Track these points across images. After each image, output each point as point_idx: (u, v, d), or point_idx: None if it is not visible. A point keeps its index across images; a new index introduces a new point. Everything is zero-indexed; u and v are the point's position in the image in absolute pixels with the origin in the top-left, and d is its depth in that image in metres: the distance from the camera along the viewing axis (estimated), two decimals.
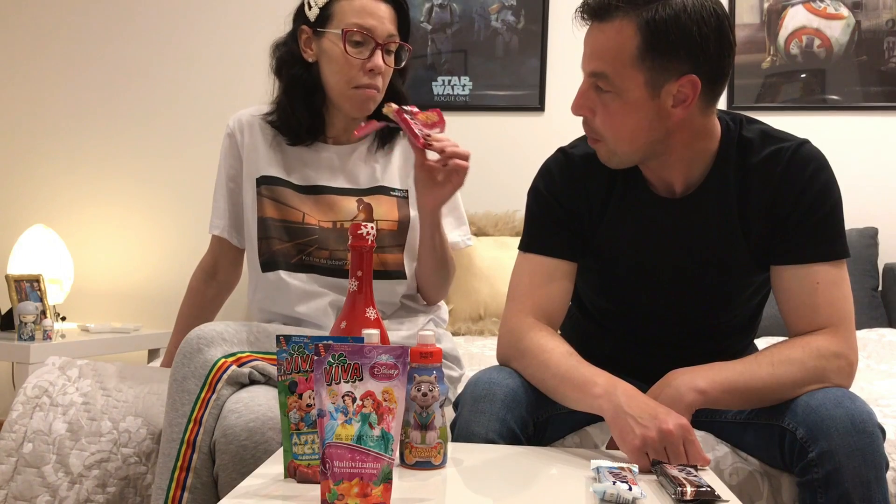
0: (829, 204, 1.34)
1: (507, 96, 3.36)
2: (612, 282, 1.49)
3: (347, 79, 1.61)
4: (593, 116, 1.34)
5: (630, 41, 1.26)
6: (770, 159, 1.36)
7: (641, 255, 1.44)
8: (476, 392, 1.32)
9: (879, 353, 2.29)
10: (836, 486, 1.18)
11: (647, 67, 1.27)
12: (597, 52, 1.30)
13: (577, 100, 1.35)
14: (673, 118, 1.30)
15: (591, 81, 1.32)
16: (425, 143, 1.47)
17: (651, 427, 1.17)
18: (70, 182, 3.56)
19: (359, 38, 1.60)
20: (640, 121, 1.30)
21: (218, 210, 1.76)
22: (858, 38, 3.17)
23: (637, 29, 1.26)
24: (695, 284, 1.44)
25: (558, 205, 1.45)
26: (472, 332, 2.85)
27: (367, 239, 1.15)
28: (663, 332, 1.50)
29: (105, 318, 3.45)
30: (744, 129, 1.39)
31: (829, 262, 1.33)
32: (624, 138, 1.32)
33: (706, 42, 1.26)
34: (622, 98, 1.29)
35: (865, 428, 1.20)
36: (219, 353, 1.41)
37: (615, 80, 1.28)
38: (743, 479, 1.38)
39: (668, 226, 1.41)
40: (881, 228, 3.02)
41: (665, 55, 1.26)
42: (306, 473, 1.05)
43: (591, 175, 1.44)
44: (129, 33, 3.55)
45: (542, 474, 1.13)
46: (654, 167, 1.39)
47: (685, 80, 1.27)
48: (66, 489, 1.60)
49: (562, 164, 1.47)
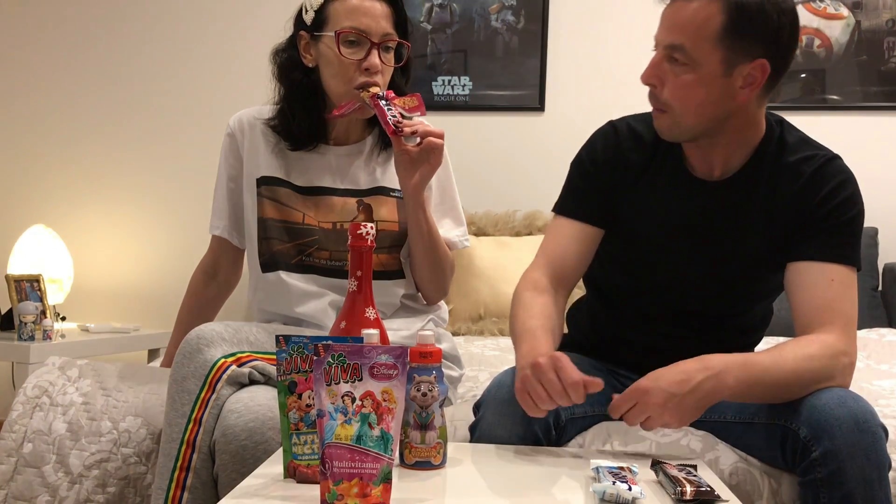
0: (852, 214, 1.40)
1: (507, 96, 3.36)
2: (631, 254, 1.52)
3: (345, 80, 1.60)
4: (662, 87, 1.38)
5: (715, 19, 1.31)
6: (803, 161, 1.43)
7: (663, 231, 1.48)
8: (500, 395, 1.34)
9: (879, 353, 2.29)
10: (838, 486, 1.18)
11: (725, 46, 1.32)
12: (679, 25, 1.34)
13: (648, 70, 1.39)
14: (738, 99, 1.36)
15: (666, 53, 1.36)
16: (395, 129, 1.49)
17: (526, 367, 1.24)
18: (70, 182, 3.56)
19: (353, 38, 1.59)
20: (709, 95, 1.35)
21: (218, 210, 1.76)
22: (858, 38, 3.17)
23: (723, 8, 1.31)
24: (710, 270, 1.47)
25: (596, 172, 1.51)
26: (472, 332, 2.85)
27: (367, 239, 1.15)
28: (671, 317, 1.51)
29: (105, 318, 3.44)
30: (785, 132, 1.46)
31: (844, 265, 1.37)
32: (690, 111, 1.37)
33: (782, 31, 1.33)
34: (696, 72, 1.34)
35: (869, 428, 1.20)
36: (219, 353, 1.41)
37: (694, 53, 1.33)
38: (743, 479, 1.38)
39: (696, 206, 1.46)
40: (881, 228, 3.02)
41: (745, 37, 1.32)
42: (306, 473, 1.05)
43: (634, 148, 1.50)
44: (129, 33, 3.55)
45: (542, 474, 1.13)
46: (702, 145, 1.44)
47: (756, 64, 1.34)
48: (66, 489, 1.60)
49: (607, 134, 1.53)
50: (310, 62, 1.65)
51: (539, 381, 1.20)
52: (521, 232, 3.11)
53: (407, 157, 1.53)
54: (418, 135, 1.50)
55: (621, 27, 3.30)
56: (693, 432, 1.45)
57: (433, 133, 1.52)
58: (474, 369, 1.98)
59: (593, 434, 1.46)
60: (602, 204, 1.50)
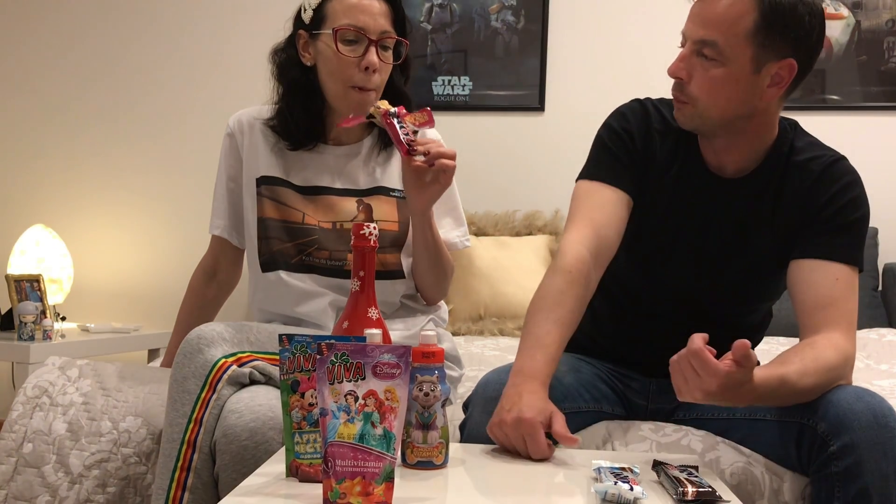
0: (858, 214, 1.41)
1: (507, 96, 3.36)
2: (639, 245, 1.50)
3: (343, 78, 1.60)
4: (689, 81, 1.38)
5: (748, 16, 1.32)
6: (812, 161, 1.44)
7: (673, 222, 1.48)
8: (487, 393, 1.33)
9: (879, 353, 2.29)
10: (855, 480, 1.19)
11: (757, 43, 1.32)
12: (711, 20, 1.34)
13: (676, 62, 1.39)
14: (764, 98, 1.37)
15: (695, 48, 1.36)
16: (409, 150, 1.47)
17: (508, 407, 1.21)
18: (70, 182, 3.56)
19: (351, 36, 1.59)
20: (737, 92, 1.36)
21: (218, 210, 1.76)
22: (858, 38, 3.17)
23: (756, 6, 1.32)
24: (716, 267, 1.47)
25: (630, 140, 1.49)
26: (472, 332, 2.85)
27: (370, 239, 1.15)
28: (675, 315, 1.51)
29: (105, 318, 3.44)
30: (797, 135, 1.47)
31: (848, 265, 1.38)
32: (717, 105, 1.37)
33: (812, 32, 1.34)
34: (726, 67, 1.34)
35: (887, 423, 1.21)
36: (219, 353, 1.41)
37: (725, 49, 1.33)
38: (744, 479, 1.38)
39: (708, 201, 1.46)
40: (881, 228, 3.02)
41: (776, 36, 1.32)
42: (308, 472, 1.05)
43: (661, 130, 1.50)
44: (129, 34, 3.55)
45: (543, 474, 1.13)
46: (718, 144, 1.44)
47: (785, 63, 1.35)
48: (66, 489, 1.60)
49: (637, 110, 1.52)
50: (308, 61, 1.65)
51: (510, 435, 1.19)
52: (521, 232, 3.12)
53: (416, 177, 1.51)
54: (431, 157, 1.48)
55: (621, 27, 3.30)
56: (693, 432, 1.45)
57: (445, 154, 1.49)
58: (474, 369, 1.98)
59: (593, 433, 1.46)
60: (633, 173, 1.47)
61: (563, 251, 1.40)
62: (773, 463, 1.39)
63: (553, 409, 1.21)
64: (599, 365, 1.56)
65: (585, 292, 1.38)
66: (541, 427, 1.17)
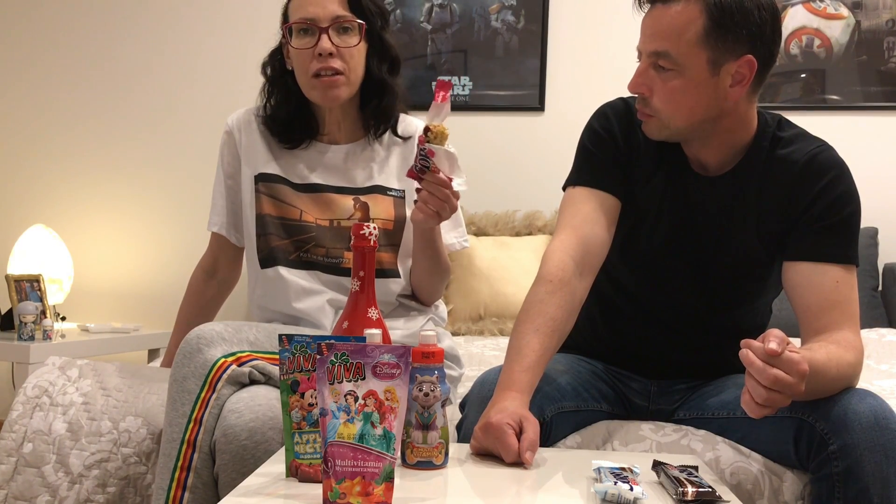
0: (849, 210, 1.39)
1: (507, 96, 3.36)
2: (630, 245, 1.50)
3: (303, 71, 1.64)
4: (651, 95, 1.38)
5: (696, 21, 1.32)
6: (795, 152, 1.42)
7: (663, 222, 1.47)
8: (483, 393, 1.33)
9: (879, 353, 2.30)
10: (855, 481, 1.18)
11: (710, 47, 1.32)
12: (660, 32, 1.34)
13: (635, 78, 1.39)
14: (729, 98, 1.36)
15: (651, 61, 1.36)
16: (418, 177, 1.46)
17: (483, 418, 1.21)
18: (70, 182, 3.56)
19: (303, 27, 1.63)
20: (699, 98, 1.35)
21: (216, 207, 1.78)
22: (858, 38, 3.17)
23: (703, 9, 1.32)
24: (704, 265, 1.47)
25: (612, 141, 1.49)
26: (472, 332, 2.85)
27: (370, 239, 1.15)
28: (669, 315, 1.51)
29: (105, 318, 3.44)
30: (780, 128, 1.45)
31: (845, 265, 1.37)
32: (682, 115, 1.37)
33: (764, 26, 1.33)
34: (684, 76, 1.34)
35: (889, 425, 1.20)
36: (219, 352, 1.41)
37: (679, 58, 1.33)
38: (744, 479, 1.38)
39: (692, 199, 1.46)
40: (881, 228, 3.02)
41: (728, 35, 1.32)
42: (308, 472, 1.05)
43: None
44: (128, 34, 3.55)
45: (543, 474, 1.13)
46: (693, 147, 1.44)
47: (743, 61, 1.34)
48: (66, 489, 1.60)
49: (619, 109, 1.52)
50: (290, 64, 1.70)
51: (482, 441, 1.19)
52: (521, 232, 3.12)
53: (422, 205, 1.50)
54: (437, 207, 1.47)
55: (621, 27, 3.30)
56: (693, 432, 1.45)
57: (447, 196, 1.47)
58: (474, 369, 1.98)
59: (594, 433, 1.46)
60: (618, 173, 1.48)
61: (544, 260, 1.42)
62: (773, 463, 1.38)
63: (526, 415, 1.20)
64: (599, 365, 1.56)
65: (570, 298, 1.38)
66: (509, 429, 1.16)
